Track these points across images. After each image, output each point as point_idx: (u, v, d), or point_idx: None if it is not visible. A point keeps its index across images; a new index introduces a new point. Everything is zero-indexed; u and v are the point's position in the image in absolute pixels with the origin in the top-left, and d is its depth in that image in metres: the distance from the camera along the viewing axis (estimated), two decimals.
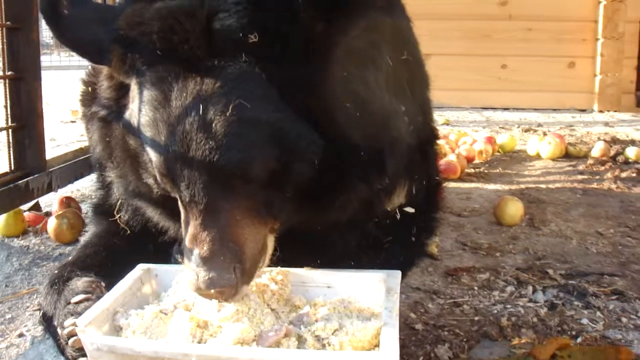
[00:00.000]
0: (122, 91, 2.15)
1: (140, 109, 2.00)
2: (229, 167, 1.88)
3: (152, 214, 2.38)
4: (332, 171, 2.03)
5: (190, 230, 1.95)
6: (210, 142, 1.85)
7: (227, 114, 1.85)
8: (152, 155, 2.00)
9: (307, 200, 2.07)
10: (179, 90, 1.90)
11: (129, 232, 2.60)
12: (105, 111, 2.25)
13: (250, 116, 1.87)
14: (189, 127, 1.87)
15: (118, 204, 2.59)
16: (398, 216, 2.56)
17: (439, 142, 3.20)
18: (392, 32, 2.30)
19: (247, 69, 1.90)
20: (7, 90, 3.34)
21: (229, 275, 1.90)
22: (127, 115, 2.12)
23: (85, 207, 3.94)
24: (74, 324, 1.99)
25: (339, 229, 2.37)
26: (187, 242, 1.96)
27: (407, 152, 2.34)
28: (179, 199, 2.02)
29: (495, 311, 2.69)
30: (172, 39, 1.93)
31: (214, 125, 1.85)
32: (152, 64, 1.97)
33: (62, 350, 2.24)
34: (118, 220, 2.61)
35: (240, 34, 1.88)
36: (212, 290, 1.90)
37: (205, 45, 1.91)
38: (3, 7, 3.26)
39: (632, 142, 6.34)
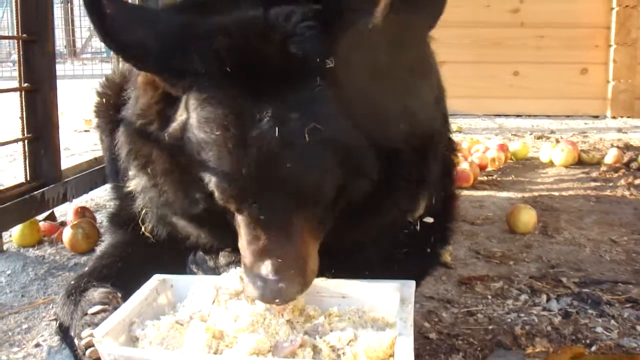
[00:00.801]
0: (166, 102, 2.10)
1: (199, 125, 1.96)
2: (305, 188, 1.92)
3: (189, 227, 2.36)
4: (381, 182, 2.08)
5: (261, 243, 1.97)
6: (288, 165, 1.87)
7: (305, 137, 1.86)
8: (215, 173, 1.97)
9: (351, 212, 2.13)
10: (253, 111, 1.88)
11: (152, 240, 2.58)
12: (142, 120, 2.19)
13: (325, 139, 1.90)
14: (265, 149, 1.86)
15: (142, 213, 2.57)
16: (418, 227, 2.57)
17: (457, 153, 3.22)
18: None
19: (320, 92, 1.91)
20: (23, 102, 3.37)
21: (295, 288, 1.95)
22: (175, 129, 2.07)
23: (100, 217, 3.97)
24: (91, 335, 2.00)
25: (370, 238, 2.40)
26: (250, 254, 1.99)
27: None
28: (244, 214, 2.00)
29: (509, 320, 2.69)
30: (246, 58, 1.92)
31: (292, 148, 1.86)
32: (219, 81, 1.94)
33: None
34: (143, 229, 2.59)
35: (317, 60, 1.90)
36: (277, 301, 1.95)
37: (281, 67, 1.90)
38: (20, 19, 3.30)
39: None
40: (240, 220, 2.04)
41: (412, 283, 2.17)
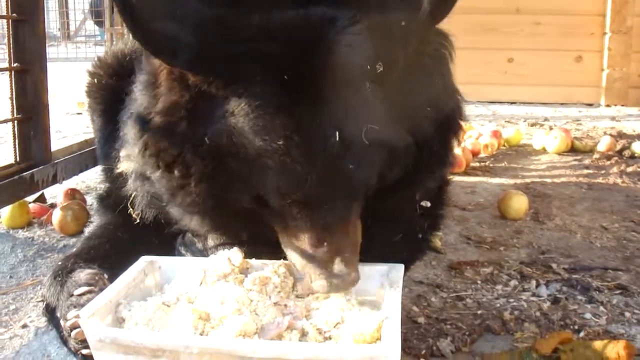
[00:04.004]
0: (200, 101, 2.00)
1: (258, 134, 1.90)
2: (363, 187, 2.03)
3: (197, 221, 2.30)
4: (408, 166, 2.17)
5: (325, 242, 2.02)
6: (349, 166, 1.92)
7: (362, 138, 1.90)
8: (278, 180, 1.95)
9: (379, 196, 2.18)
10: (313, 118, 1.89)
11: (139, 223, 2.54)
12: (168, 118, 2.06)
13: (379, 139, 1.94)
14: (329, 154, 1.89)
15: (132, 196, 2.52)
16: (418, 211, 2.57)
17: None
18: None
19: (370, 94, 1.95)
20: (13, 82, 3.34)
21: (354, 274, 2.02)
22: (220, 132, 1.96)
23: (90, 199, 3.95)
24: (77, 316, 2.00)
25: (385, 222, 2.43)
26: (314, 252, 2.03)
27: None
28: (304, 217, 2.02)
29: (498, 305, 2.69)
30: (298, 65, 1.89)
31: (352, 150, 1.91)
32: (273, 89, 1.90)
33: (65, 342, 2.24)
34: (132, 213, 2.55)
35: (368, 66, 1.93)
36: (340, 289, 2.03)
37: (332, 74, 1.90)
38: None
39: (639, 137, 6.32)
40: (299, 221, 2.04)
41: (401, 267, 2.17)
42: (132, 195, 2.51)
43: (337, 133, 1.88)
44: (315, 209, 1.99)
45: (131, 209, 2.54)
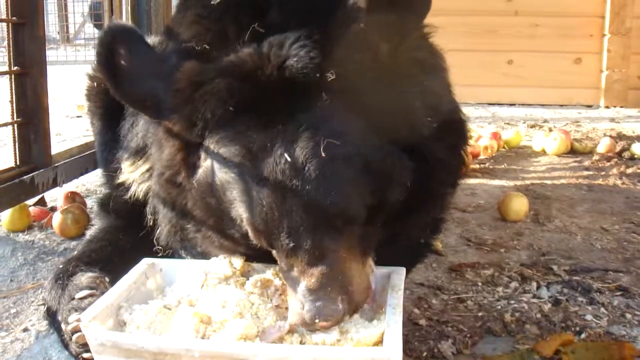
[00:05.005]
0: (188, 150, 2.08)
1: (219, 167, 1.96)
2: (329, 209, 1.86)
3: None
4: (415, 184, 2.04)
5: (296, 271, 1.92)
6: (307, 187, 1.82)
7: (319, 155, 1.82)
8: (242, 211, 1.94)
9: (393, 219, 2.09)
10: (263, 142, 1.87)
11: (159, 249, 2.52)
12: (170, 171, 2.16)
13: (341, 153, 1.86)
14: (281, 177, 1.83)
15: (151, 219, 2.50)
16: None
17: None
18: None
19: (329, 106, 1.89)
20: (13, 85, 3.34)
21: (334, 306, 1.87)
22: (201, 175, 2.04)
23: (91, 202, 3.95)
24: (78, 320, 2.00)
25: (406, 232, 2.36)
26: (290, 280, 1.95)
27: None
28: (277, 249, 1.96)
29: (499, 307, 2.69)
30: (248, 93, 1.91)
31: (307, 169, 1.82)
32: (226, 121, 1.93)
33: (66, 346, 2.25)
34: (156, 243, 2.51)
35: (317, 75, 1.88)
36: (317, 321, 1.87)
37: (282, 93, 1.89)
38: (9, 2, 3.26)
39: (638, 138, 6.31)
40: (275, 254, 2.01)
41: (402, 270, 2.17)
42: (153, 224, 2.50)
43: (287, 152, 1.83)
44: (278, 238, 1.89)
45: (156, 243, 2.50)
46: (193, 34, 2.20)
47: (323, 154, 1.82)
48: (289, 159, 1.82)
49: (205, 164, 2.02)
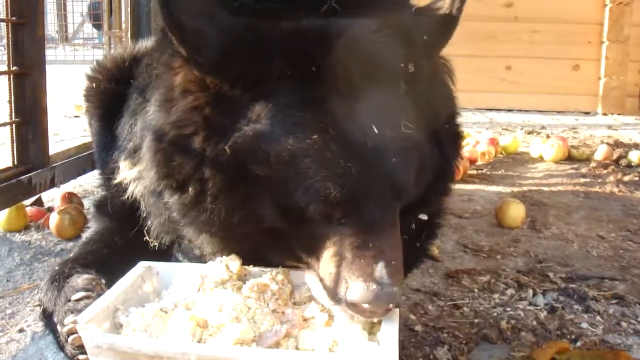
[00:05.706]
0: (217, 107, 1.93)
1: (289, 132, 1.83)
2: (405, 185, 1.92)
3: (213, 241, 2.19)
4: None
5: (371, 247, 1.84)
6: (393, 160, 1.85)
7: (401, 135, 1.89)
8: (316, 181, 1.81)
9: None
10: (347, 108, 1.84)
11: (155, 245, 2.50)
12: (180, 131, 1.97)
13: (414, 139, 1.94)
14: (371, 147, 1.82)
15: (145, 217, 2.47)
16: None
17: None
18: None
19: (404, 95, 1.99)
20: (12, 85, 3.34)
21: (401, 291, 1.87)
22: (242, 139, 1.88)
23: (88, 203, 3.95)
24: (74, 322, 1.99)
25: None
26: (357, 259, 1.84)
27: None
28: (347, 221, 1.86)
29: (495, 314, 2.69)
30: (332, 61, 1.85)
31: (392, 146, 1.86)
32: (305, 84, 1.86)
33: (61, 347, 2.24)
34: (148, 238, 2.49)
35: (402, 65, 1.97)
36: (389, 305, 1.82)
37: (367, 67, 1.90)
38: (9, 2, 3.26)
39: (636, 146, 6.34)
40: (341, 226, 1.89)
41: None
42: (145, 217, 2.48)
43: (376, 126, 1.84)
44: (359, 208, 1.84)
45: (147, 236, 2.48)
46: None
47: (404, 137, 1.89)
48: (377, 132, 1.83)
49: (252, 127, 1.87)
